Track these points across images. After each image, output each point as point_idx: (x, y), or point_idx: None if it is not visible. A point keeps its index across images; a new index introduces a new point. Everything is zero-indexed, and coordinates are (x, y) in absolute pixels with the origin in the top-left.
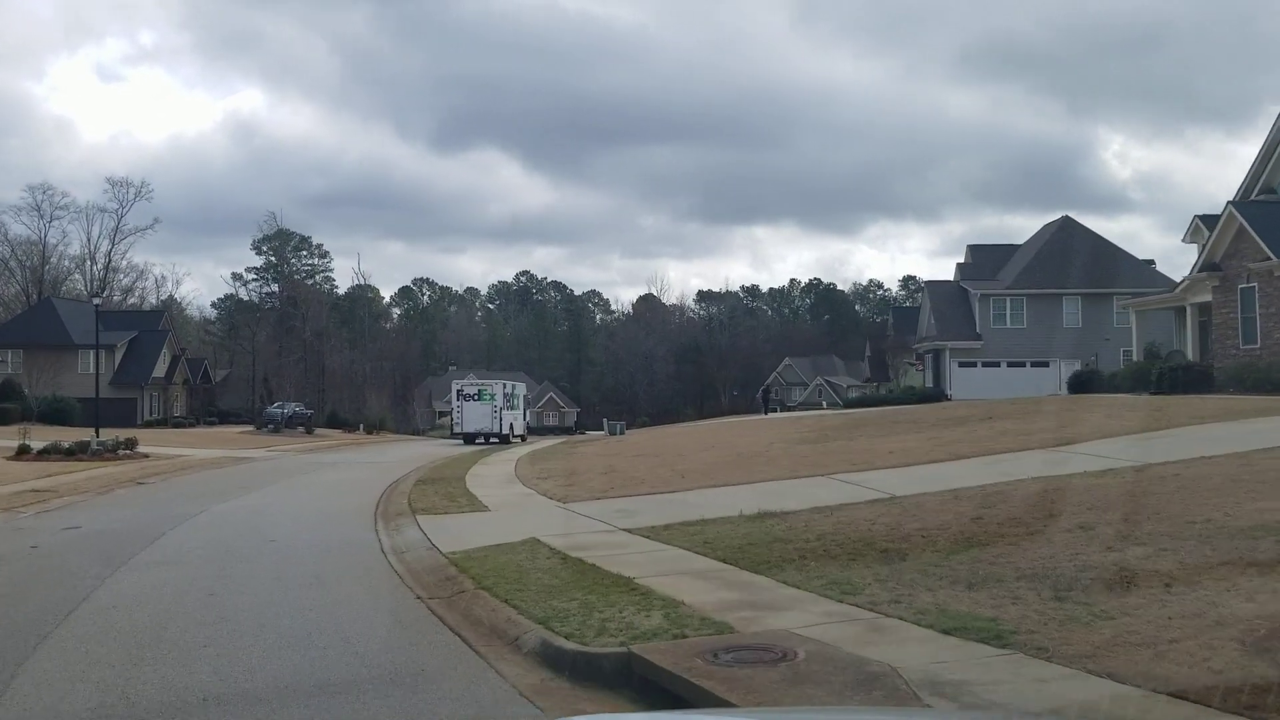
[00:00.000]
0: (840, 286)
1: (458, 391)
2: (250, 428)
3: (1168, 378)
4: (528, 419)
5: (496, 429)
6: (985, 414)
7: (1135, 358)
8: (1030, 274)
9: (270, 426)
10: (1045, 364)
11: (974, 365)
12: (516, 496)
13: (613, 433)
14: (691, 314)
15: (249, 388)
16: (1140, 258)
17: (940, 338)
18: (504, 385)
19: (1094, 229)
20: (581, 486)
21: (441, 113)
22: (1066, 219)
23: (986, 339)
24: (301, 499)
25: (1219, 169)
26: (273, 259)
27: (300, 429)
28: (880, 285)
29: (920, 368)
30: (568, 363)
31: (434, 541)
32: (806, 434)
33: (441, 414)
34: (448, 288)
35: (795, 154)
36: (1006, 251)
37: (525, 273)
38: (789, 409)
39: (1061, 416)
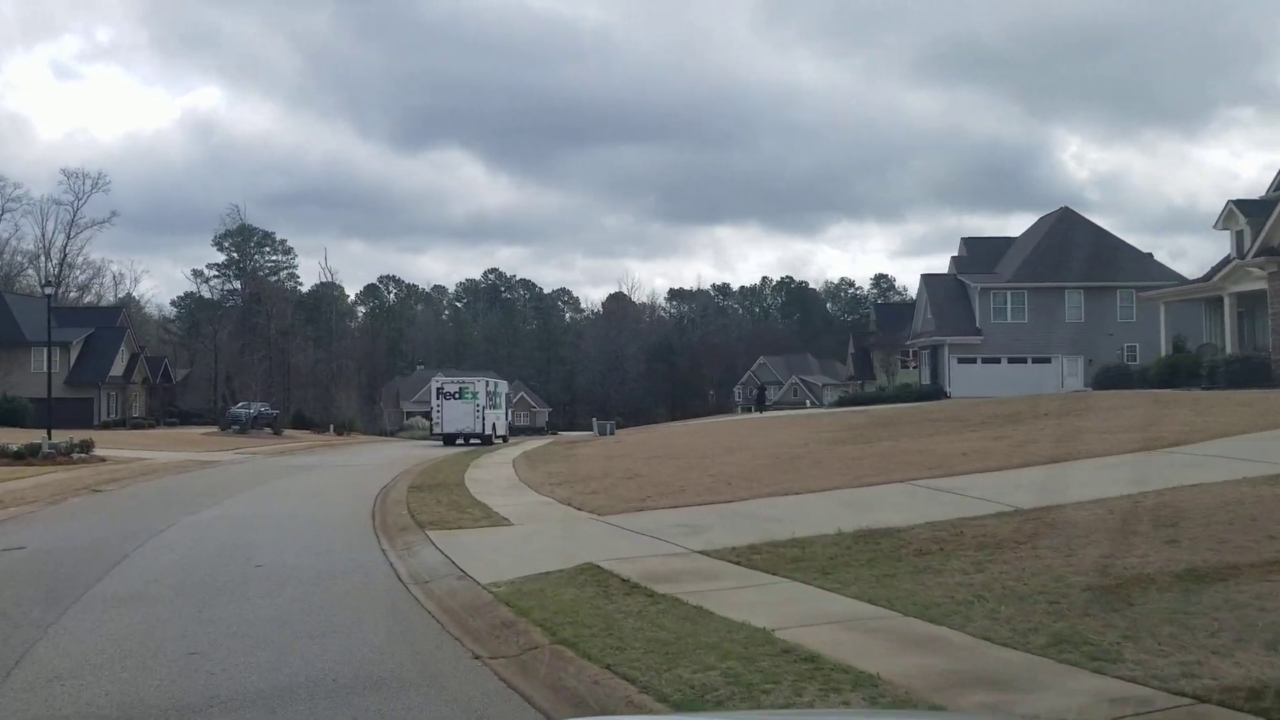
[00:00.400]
0: (812, 285)
1: (437, 389)
2: (214, 429)
3: (1222, 371)
4: (510, 419)
5: (479, 429)
6: (1030, 411)
7: (1163, 351)
8: (1030, 267)
9: (235, 427)
10: (1046, 360)
11: (973, 361)
12: (535, 506)
13: (603, 433)
14: (662, 313)
15: (211, 387)
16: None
17: (939, 333)
18: (487, 383)
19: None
20: (609, 495)
21: (403, 111)
22: (1066, 210)
23: (987, 334)
24: (283, 509)
25: (1175, 171)
26: (235, 255)
27: (267, 430)
28: (852, 283)
29: (913, 364)
30: (538, 362)
31: (462, 567)
32: (837, 434)
33: (410, 415)
34: (414, 285)
35: (758, 154)
36: (1001, 244)
37: (494, 270)
38: (767, 408)
39: (1129, 414)
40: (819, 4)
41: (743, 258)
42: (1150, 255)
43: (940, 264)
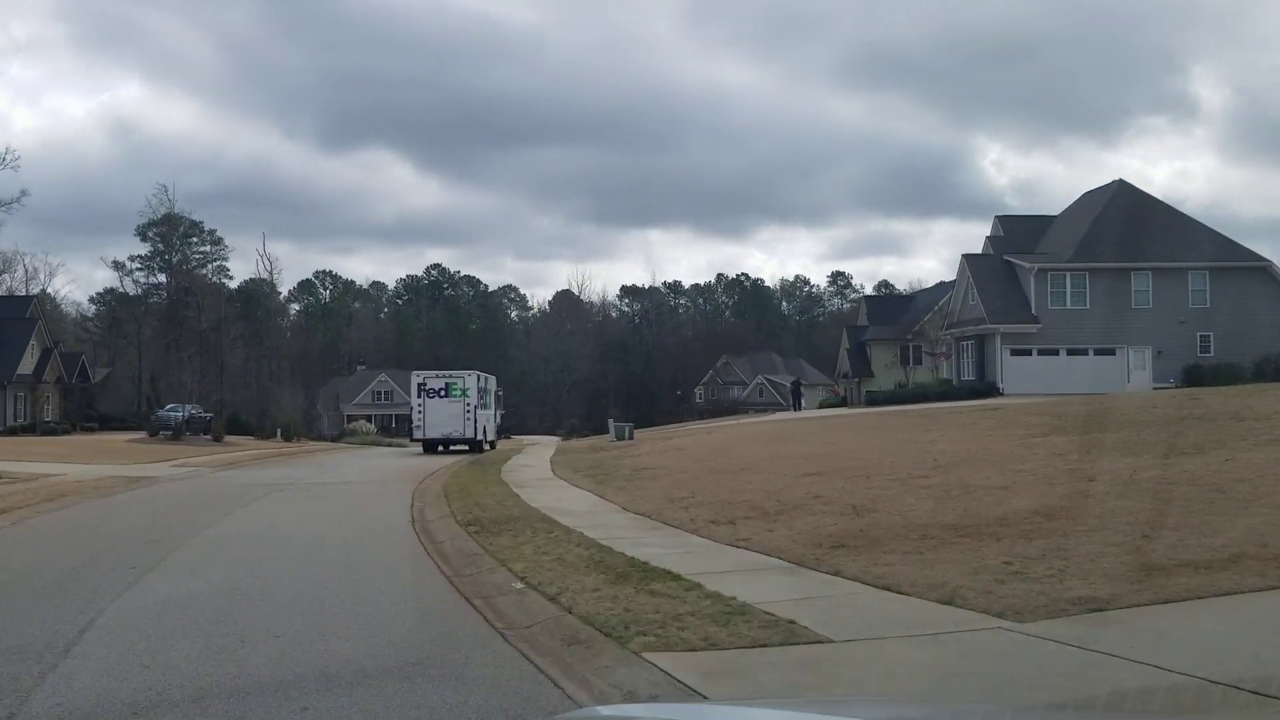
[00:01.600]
0: (768, 282)
1: (419, 385)
2: (141, 435)
3: None
4: (498, 420)
5: (469, 433)
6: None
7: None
8: (1091, 246)
9: (166, 433)
10: (1110, 351)
11: (1028, 353)
12: (780, 577)
13: (620, 436)
14: (614, 311)
15: (134, 388)
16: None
17: (991, 320)
18: (478, 378)
19: (975, 235)
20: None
21: (330, 110)
22: (1121, 183)
23: (1044, 322)
24: (290, 584)
25: (1091, 177)
26: (160, 246)
27: (205, 436)
28: (807, 281)
29: (946, 357)
30: (485, 362)
31: None
32: (1038, 446)
33: (351, 418)
34: (351, 282)
35: (687, 157)
36: (1040, 223)
37: (436, 266)
38: (744, 412)
39: None
40: (745, 9)
41: (674, 261)
42: (1220, 234)
43: (869, 270)
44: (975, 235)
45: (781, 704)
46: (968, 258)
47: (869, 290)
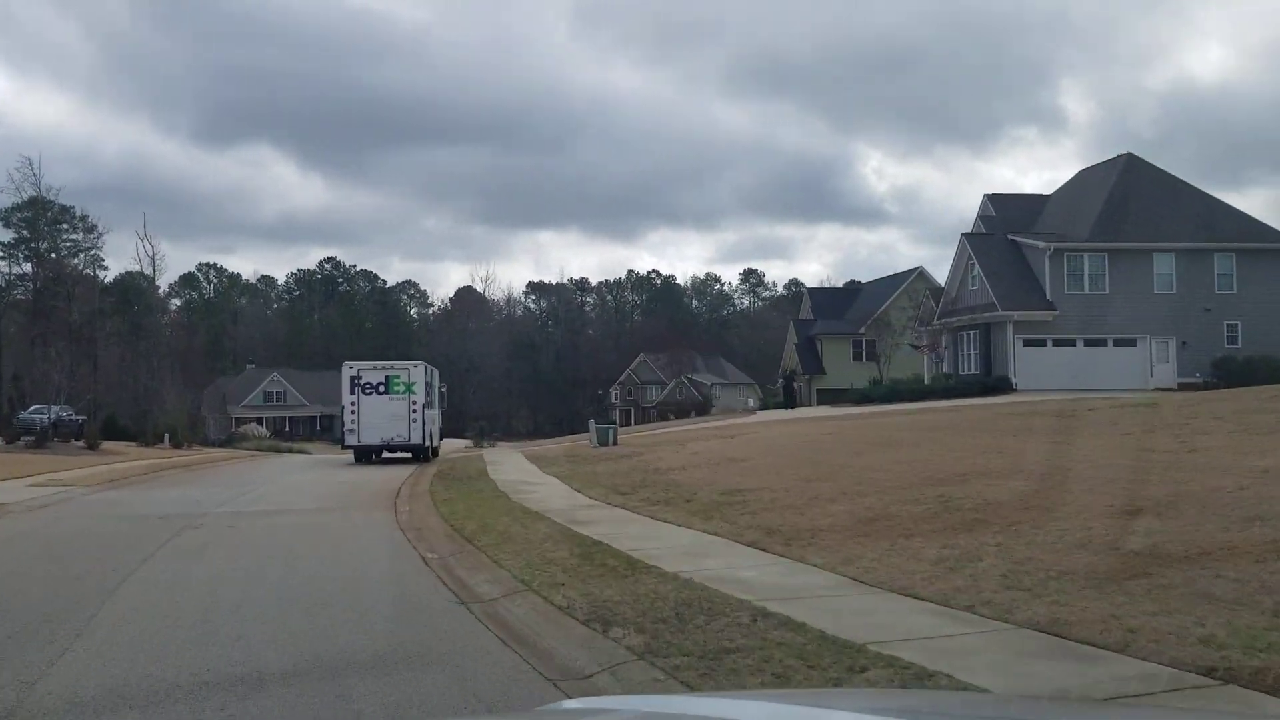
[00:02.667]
0: (680, 280)
1: (351, 380)
2: None
3: None
4: (440, 422)
5: (415, 437)
6: None
7: None
8: (1108, 223)
9: (29, 438)
10: (1131, 342)
11: (1042, 344)
12: None
13: (603, 440)
14: (520, 309)
15: None
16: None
17: (1002, 307)
18: (425, 370)
19: (857, 240)
20: None
21: (208, 106)
22: (1131, 156)
23: (1061, 309)
24: None
25: (965, 186)
26: (26, 233)
27: (78, 443)
28: (718, 279)
29: (931, 350)
30: (387, 360)
31: None
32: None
33: (241, 421)
34: (237, 275)
35: (578, 159)
36: (1034, 202)
37: (330, 259)
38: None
39: None
40: (635, 14)
41: (564, 262)
42: (1245, 213)
43: (753, 274)
44: (858, 240)
45: (766, 695)
46: (969, 237)
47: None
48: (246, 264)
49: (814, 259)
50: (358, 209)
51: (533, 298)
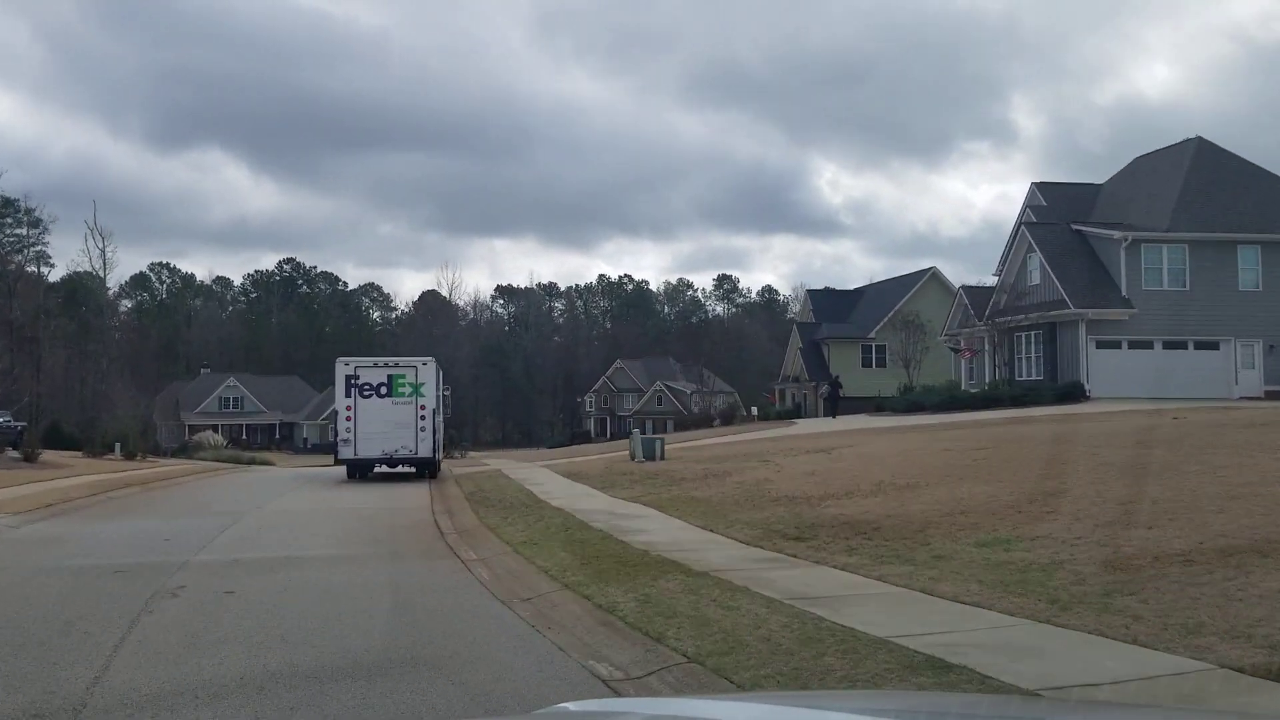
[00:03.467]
0: (653, 285)
1: (347, 380)
2: None
3: None
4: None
5: (424, 449)
6: None
7: None
8: (1188, 212)
9: None
10: (1213, 345)
11: (1117, 346)
12: None
13: (649, 454)
14: (489, 313)
15: None
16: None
17: (1075, 304)
18: (434, 366)
19: (812, 251)
20: None
21: (159, 108)
22: (1202, 140)
23: (1139, 307)
24: None
25: (917, 198)
26: None
27: (14, 453)
28: (690, 285)
29: (970, 353)
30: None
31: None
32: None
33: (195, 429)
34: (191, 276)
35: (535, 167)
36: (1085, 191)
37: (290, 260)
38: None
39: None
40: (593, 23)
41: (520, 270)
42: None
43: (710, 284)
44: (814, 251)
45: (763, 697)
46: (1030, 227)
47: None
48: (199, 267)
49: (770, 270)
50: (311, 214)
51: (500, 302)
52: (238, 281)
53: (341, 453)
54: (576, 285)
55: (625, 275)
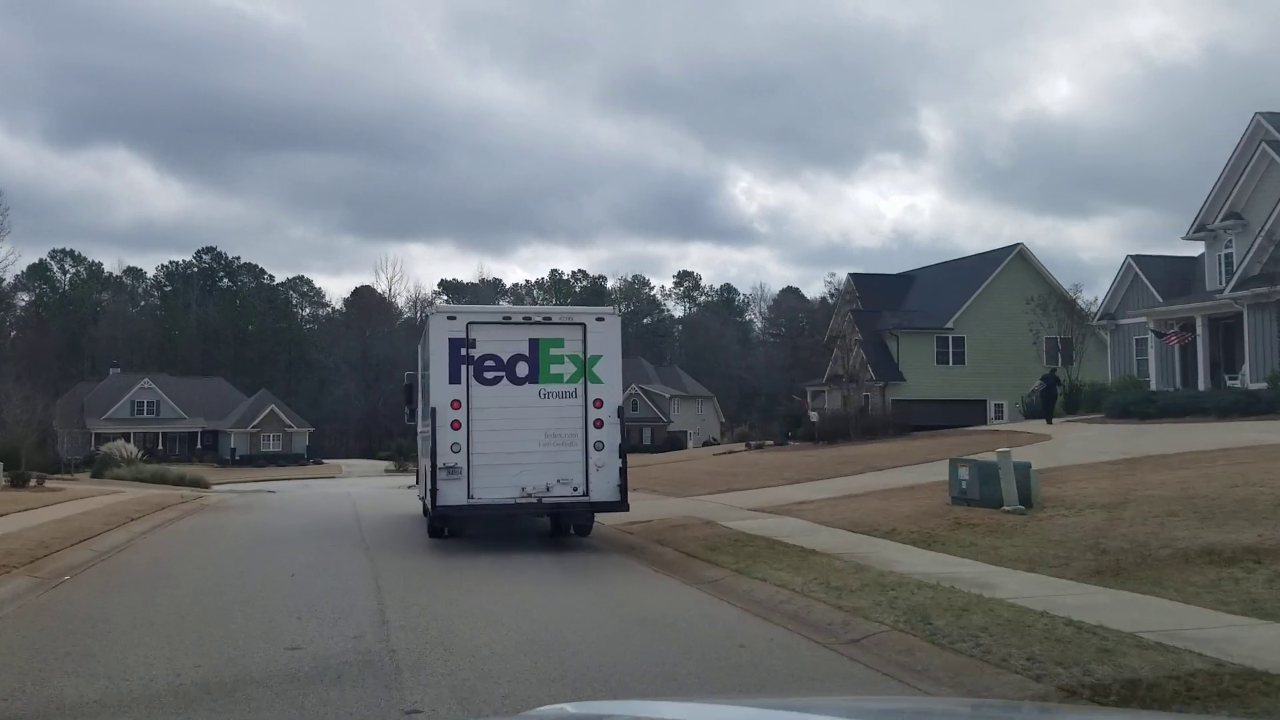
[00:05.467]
0: (611, 282)
1: (455, 348)
2: None
3: None
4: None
5: (600, 485)
6: None
7: None
8: None
9: None
10: None
11: None
12: None
13: (1020, 498)
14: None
15: None
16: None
17: None
18: (615, 324)
19: (728, 260)
20: None
21: (58, 106)
22: None
23: None
24: None
25: (831, 209)
26: None
27: None
28: (645, 281)
29: (1180, 340)
30: (277, 367)
31: None
32: None
33: (105, 438)
34: (98, 266)
35: (450, 172)
36: None
37: (209, 250)
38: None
39: None
40: (508, 27)
41: (436, 276)
42: None
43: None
44: (729, 259)
45: (747, 701)
46: None
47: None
48: (108, 257)
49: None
50: (219, 216)
51: (444, 299)
52: (151, 274)
53: (443, 494)
54: (527, 280)
55: (579, 270)
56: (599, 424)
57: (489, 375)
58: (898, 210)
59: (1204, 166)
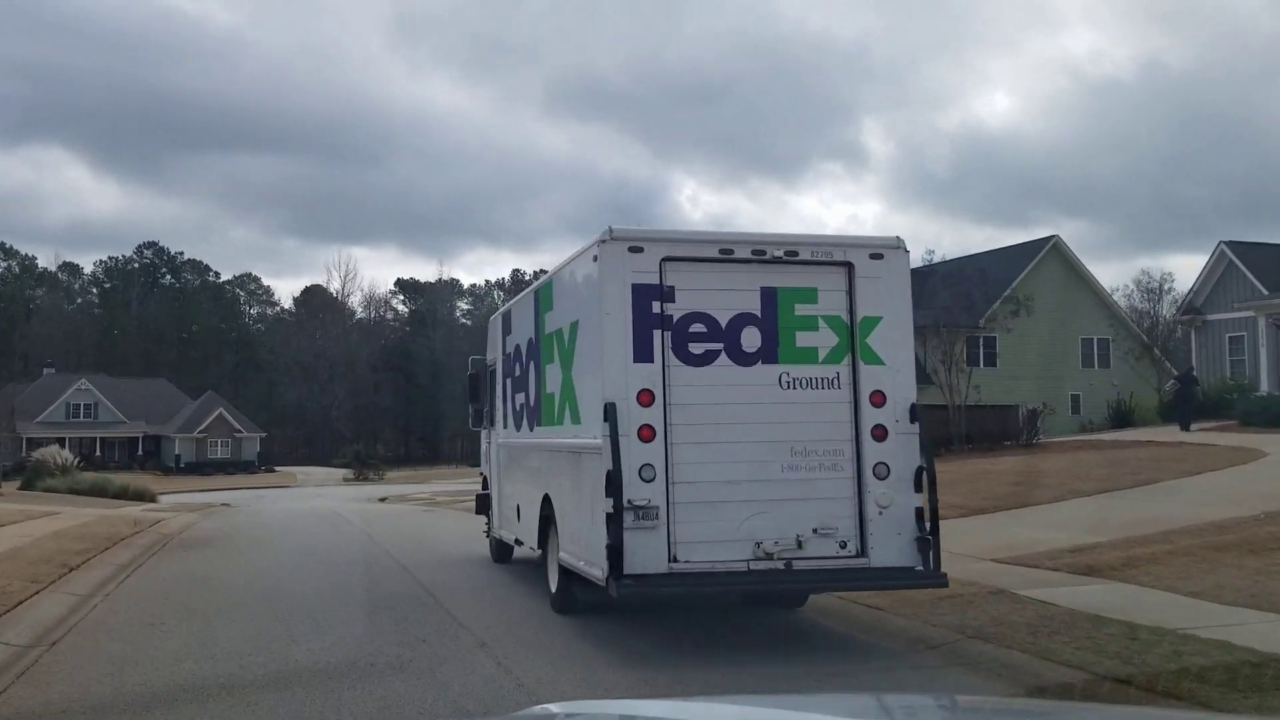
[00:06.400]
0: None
1: (640, 294)
2: None
3: None
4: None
5: (883, 543)
6: None
7: None
8: None
9: None
10: None
11: None
12: None
13: None
14: (390, 310)
15: None
16: None
17: None
18: (902, 262)
19: None
20: None
21: None
22: None
23: None
24: None
25: (775, 216)
26: None
27: None
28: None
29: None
30: (223, 369)
31: None
32: None
33: (38, 442)
34: (31, 259)
35: (394, 175)
36: None
37: (151, 245)
38: None
39: None
40: (453, 31)
41: (382, 282)
42: None
43: None
44: None
45: (742, 699)
46: None
47: None
48: (43, 252)
49: None
50: (157, 216)
51: (400, 298)
52: (89, 269)
53: (632, 554)
54: (487, 280)
55: (542, 269)
56: (880, 433)
57: (697, 349)
58: (841, 219)
59: (1140, 179)
